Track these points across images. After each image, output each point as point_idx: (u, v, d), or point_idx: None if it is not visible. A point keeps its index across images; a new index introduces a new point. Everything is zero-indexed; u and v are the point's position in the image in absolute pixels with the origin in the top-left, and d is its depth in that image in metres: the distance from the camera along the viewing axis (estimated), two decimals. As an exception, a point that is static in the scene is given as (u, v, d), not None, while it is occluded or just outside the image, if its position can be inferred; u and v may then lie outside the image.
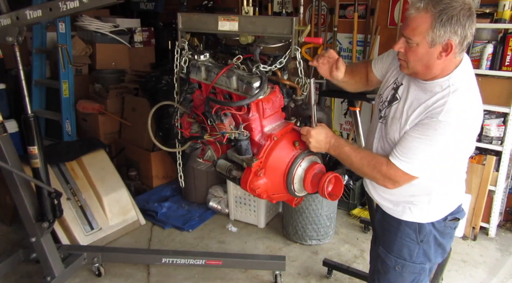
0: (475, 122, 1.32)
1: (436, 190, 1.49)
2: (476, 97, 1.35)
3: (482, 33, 2.96)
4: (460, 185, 1.58)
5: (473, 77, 1.38)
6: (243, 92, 1.62)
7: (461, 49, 1.30)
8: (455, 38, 1.26)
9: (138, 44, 4.48)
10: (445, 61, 1.30)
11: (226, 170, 1.68)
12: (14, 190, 2.17)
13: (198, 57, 1.77)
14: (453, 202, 1.57)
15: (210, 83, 1.73)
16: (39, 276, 2.39)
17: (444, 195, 1.51)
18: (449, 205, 1.55)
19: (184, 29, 1.81)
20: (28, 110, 2.11)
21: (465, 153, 1.43)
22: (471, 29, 1.27)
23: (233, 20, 1.64)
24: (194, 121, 1.84)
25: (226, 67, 1.68)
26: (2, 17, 1.83)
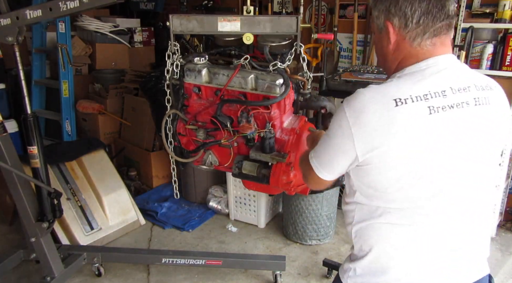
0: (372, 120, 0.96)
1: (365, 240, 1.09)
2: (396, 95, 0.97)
3: (482, 33, 2.96)
4: (405, 255, 1.05)
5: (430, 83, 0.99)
6: (264, 91, 1.62)
7: (411, 33, 1.02)
8: (391, 18, 1.03)
9: (138, 44, 4.48)
10: (401, 50, 1.05)
11: (256, 170, 1.66)
12: (14, 190, 2.17)
13: (197, 60, 1.75)
14: (388, 279, 1.06)
15: (214, 86, 1.73)
16: (39, 276, 2.38)
17: (383, 253, 1.07)
18: (379, 277, 1.08)
19: (177, 31, 1.78)
20: (28, 110, 2.11)
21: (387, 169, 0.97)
22: (411, 5, 1.00)
23: (234, 20, 1.64)
24: (196, 127, 1.82)
25: (238, 67, 1.67)
26: (2, 17, 1.82)
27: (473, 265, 1.11)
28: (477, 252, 1.12)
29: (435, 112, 0.95)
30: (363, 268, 1.10)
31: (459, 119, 0.98)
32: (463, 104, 0.99)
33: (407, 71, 1.03)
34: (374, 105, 0.95)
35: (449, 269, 1.06)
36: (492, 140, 1.04)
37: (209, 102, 1.78)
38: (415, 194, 0.99)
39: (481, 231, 1.11)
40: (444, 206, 1.01)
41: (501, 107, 1.07)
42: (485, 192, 1.09)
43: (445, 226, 1.03)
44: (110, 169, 3.21)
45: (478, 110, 1.00)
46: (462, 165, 1.00)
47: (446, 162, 0.98)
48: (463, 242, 1.07)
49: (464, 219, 1.06)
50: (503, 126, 1.07)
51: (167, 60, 1.78)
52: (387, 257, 1.06)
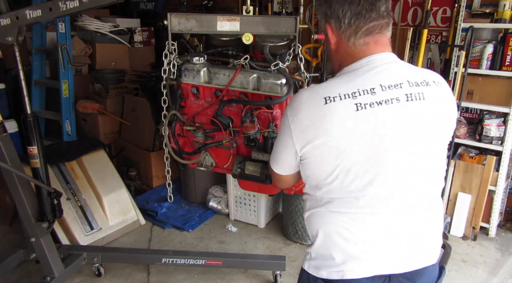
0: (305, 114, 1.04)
1: (317, 221, 1.17)
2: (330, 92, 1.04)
3: (482, 33, 2.96)
4: (349, 239, 1.11)
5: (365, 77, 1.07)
6: (266, 91, 1.62)
7: (345, 33, 1.08)
8: (329, 20, 1.10)
9: (138, 44, 4.48)
10: (337, 50, 1.13)
11: (259, 171, 1.66)
12: (14, 190, 2.17)
13: (196, 60, 1.75)
14: (335, 261, 1.13)
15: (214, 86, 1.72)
16: (39, 276, 2.38)
17: (328, 238, 1.14)
18: (327, 259, 1.15)
19: (175, 30, 1.77)
20: (28, 110, 2.11)
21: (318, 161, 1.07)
22: (341, 7, 1.07)
23: (234, 20, 1.64)
24: (194, 129, 1.81)
25: (239, 67, 1.67)
26: (2, 17, 1.82)
27: (418, 253, 1.16)
28: (423, 241, 1.16)
29: (362, 109, 1.01)
30: (316, 252, 1.18)
31: (388, 114, 1.02)
32: (393, 100, 1.03)
33: (345, 70, 1.11)
34: (308, 104, 1.04)
35: (389, 256, 1.12)
36: (428, 133, 1.08)
37: (208, 102, 1.77)
38: (349, 186, 1.06)
39: (426, 221, 1.16)
40: (378, 197, 1.08)
41: (438, 102, 1.09)
42: (422, 184, 1.12)
43: (381, 215, 1.09)
44: (110, 169, 3.21)
45: (410, 106, 1.04)
46: (392, 158, 1.05)
47: (375, 155, 1.04)
48: (406, 231, 1.12)
49: (403, 209, 1.11)
50: (442, 120, 1.10)
51: (164, 59, 1.77)
52: (332, 243, 1.13)
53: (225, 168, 1.85)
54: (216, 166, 1.88)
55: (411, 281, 1.15)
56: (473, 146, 3.09)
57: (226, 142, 1.73)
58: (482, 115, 3.02)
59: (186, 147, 1.90)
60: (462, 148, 3.19)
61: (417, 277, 1.15)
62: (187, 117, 1.82)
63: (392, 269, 1.12)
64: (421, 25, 3.20)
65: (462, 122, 3.12)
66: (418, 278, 1.15)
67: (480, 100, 3.01)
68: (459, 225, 3.10)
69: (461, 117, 3.14)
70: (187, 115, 1.83)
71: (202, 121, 1.80)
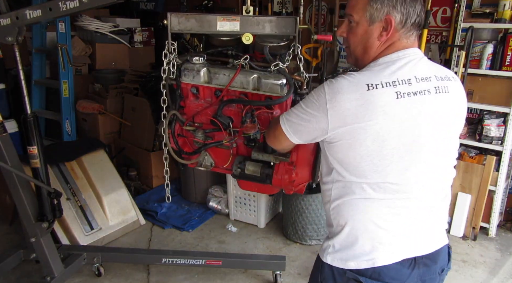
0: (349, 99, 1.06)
1: (343, 214, 1.18)
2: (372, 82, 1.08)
3: (482, 33, 2.96)
4: (382, 226, 1.14)
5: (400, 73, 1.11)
6: (266, 91, 1.62)
7: (404, 29, 1.14)
8: (394, 13, 1.12)
9: (138, 44, 4.48)
10: (386, 42, 1.16)
11: (260, 171, 1.66)
12: (14, 190, 2.17)
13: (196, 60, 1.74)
14: (364, 250, 1.15)
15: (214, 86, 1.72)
16: (39, 276, 2.38)
17: (358, 226, 1.16)
18: (355, 249, 1.17)
19: (175, 30, 1.77)
20: (28, 110, 2.11)
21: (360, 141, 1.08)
22: (414, 6, 1.13)
23: (234, 20, 1.64)
24: (194, 129, 1.81)
25: (239, 67, 1.67)
26: (2, 17, 1.82)
27: (437, 235, 1.25)
28: (439, 224, 1.27)
29: (401, 97, 1.07)
30: (341, 242, 1.20)
31: (422, 104, 1.10)
32: (425, 91, 1.11)
33: (381, 61, 1.15)
34: (350, 88, 1.07)
35: (414, 240, 1.18)
36: (450, 123, 1.18)
37: (208, 102, 1.77)
38: (384, 170, 1.10)
39: (443, 206, 1.26)
40: (411, 183, 1.13)
41: (458, 96, 1.20)
42: (445, 170, 1.22)
43: (411, 201, 1.15)
44: (110, 169, 3.21)
45: (438, 98, 1.13)
46: (426, 147, 1.12)
47: (411, 143, 1.10)
48: (429, 215, 1.20)
49: (429, 194, 1.18)
50: (460, 112, 1.22)
51: (163, 59, 1.77)
52: (362, 231, 1.16)
53: (224, 168, 1.85)
54: (216, 166, 1.88)
55: (433, 261, 1.22)
56: (473, 146, 3.09)
57: (226, 142, 1.73)
58: (482, 115, 3.02)
59: (185, 147, 1.90)
60: (462, 148, 3.19)
61: (438, 257, 1.23)
62: (187, 117, 1.82)
63: (417, 251, 1.18)
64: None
65: (462, 122, 3.12)
66: (438, 257, 1.23)
67: (480, 100, 3.01)
68: (459, 225, 3.11)
69: (461, 117, 3.14)
70: (186, 115, 1.83)
71: (202, 121, 1.80)
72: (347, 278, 1.18)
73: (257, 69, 1.67)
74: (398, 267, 1.15)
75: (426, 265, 1.20)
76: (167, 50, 1.75)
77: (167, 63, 1.75)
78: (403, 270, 1.16)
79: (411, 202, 1.15)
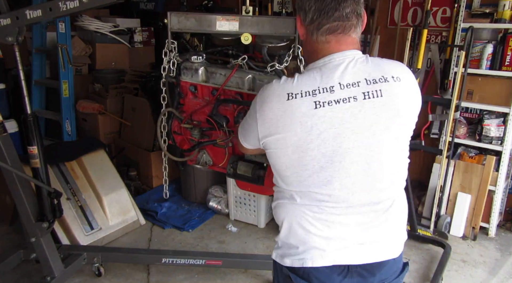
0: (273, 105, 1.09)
1: (285, 208, 1.19)
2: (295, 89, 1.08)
3: (482, 33, 2.96)
4: (314, 225, 1.13)
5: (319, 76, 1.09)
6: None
7: (307, 25, 1.12)
8: (300, 12, 1.14)
9: (138, 44, 4.48)
10: (305, 43, 1.17)
11: (251, 171, 1.67)
12: (14, 190, 2.17)
13: (194, 59, 1.75)
14: (296, 249, 1.17)
15: (211, 85, 1.72)
16: (39, 276, 2.38)
17: (291, 228, 1.17)
18: (290, 247, 1.18)
19: (175, 29, 1.78)
20: (28, 110, 2.11)
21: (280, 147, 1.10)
22: (309, 1, 1.10)
23: (233, 20, 1.64)
24: (191, 126, 1.82)
25: (235, 67, 1.68)
26: (2, 17, 1.82)
27: (379, 247, 1.16)
28: (386, 235, 1.17)
29: (320, 107, 1.05)
30: (281, 240, 1.21)
31: (345, 113, 1.05)
32: (350, 99, 1.06)
33: (309, 67, 1.14)
34: (273, 97, 1.09)
35: (348, 247, 1.14)
36: (387, 129, 1.08)
37: (205, 101, 1.78)
38: (306, 180, 1.10)
39: (390, 216, 1.16)
40: (337, 193, 1.10)
41: (397, 97, 1.08)
42: (382, 181, 1.12)
43: (341, 209, 1.12)
44: (110, 169, 3.21)
45: (367, 104, 1.06)
46: (349, 156, 1.07)
47: (332, 152, 1.07)
48: (367, 225, 1.14)
49: (363, 203, 1.12)
50: (401, 114, 1.09)
51: (163, 57, 1.78)
52: (294, 233, 1.16)
53: (220, 166, 1.86)
54: (213, 165, 1.88)
55: (370, 272, 1.16)
56: (473, 146, 3.09)
57: (220, 141, 1.73)
58: (482, 115, 3.02)
59: (183, 145, 1.90)
60: (462, 148, 3.19)
61: (377, 270, 1.17)
62: (185, 114, 1.83)
63: (350, 260, 1.14)
64: (421, 25, 3.20)
65: (462, 122, 3.12)
66: (377, 270, 1.17)
67: (480, 100, 3.01)
68: (459, 225, 3.11)
69: (461, 117, 3.14)
70: (185, 113, 1.83)
71: (199, 119, 1.81)
72: (284, 274, 1.21)
73: (255, 69, 1.68)
74: (328, 271, 1.14)
75: (361, 275, 1.16)
76: (167, 49, 1.76)
77: (167, 62, 1.76)
78: (333, 276, 1.15)
79: (342, 211, 1.11)
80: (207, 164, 1.87)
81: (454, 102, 2.83)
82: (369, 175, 1.10)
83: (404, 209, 1.23)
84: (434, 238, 2.99)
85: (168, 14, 1.74)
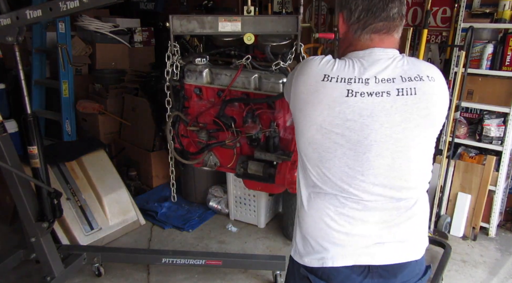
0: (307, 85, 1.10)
1: (303, 204, 1.19)
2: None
3: (482, 33, 2.96)
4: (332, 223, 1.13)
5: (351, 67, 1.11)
6: (267, 90, 1.63)
7: (351, 24, 1.14)
8: (343, 10, 1.16)
9: (138, 44, 4.48)
10: (345, 38, 1.19)
11: (262, 170, 1.67)
12: (14, 190, 2.16)
13: (198, 61, 1.75)
14: (316, 248, 1.16)
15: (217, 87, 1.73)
16: (39, 276, 2.38)
17: (312, 223, 1.16)
18: (309, 245, 1.17)
19: (177, 32, 1.77)
20: (28, 110, 2.11)
21: (304, 128, 1.11)
22: (355, 1, 1.12)
23: (235, 20, 1.64)
24: (198, 129, 1.82)
25: (240, 67, 1.68)
26: (2, 17, 1.82)
27: (401, 247, 1.15)
28: (407, 236, 1.15)
29: (352, 96, 1.05)
30: (301, 237, 1.20)
31: (376, 105, 1.05)
32: (383, 93, 1.06)
33: (349, 56, 1.14)
34: (311, 73, 1.09)
35: (369, 247, 1.12)
36: (417, 127, 1.08)
37: (211, 103, 1.77)
38: (328, 162, 1.09)
39: (408, 217, 1.14)
40: (359, 184, 1.08)
41: (431, 96, 1.09)
42: (407, 179, 1.11)
43: (363, 204, 1.10)
44: (110, 169, 3.21)
45: (399, 100, 1.06)
46: (375, 149, 1.06)
47: (357, 142, 1.06)
48: (388, 224, 1.12)
49: (385, 201, 1.10)
50: (431, 114, 1.09)
51: (167, 61, 1.78)
52: (314, 227, 1.15)
53: (229, 167, 1.86)
54: (221, 166, 1.88)
55: (391, 274, 1.14)
56: (473, 146, 3.09)
57: (228, 142, 1.73)
58: (482, 115, 3.02)
59: (190, 147, 1.90)
60: (462, 148, 3.19)
61: (398, 271, 1.15)
62: (191, 117, 1.83)
63: (371, 260, 1.13)
64: (421, 25, 3.20)
65: (462, 122, 3.12)
66: (399, 272, 1.15)
67: (480, 100, 3.01)
68: (459, 225, 3.10)
69: (461, 117, 3.14)
70: (190, 116, 1.83)
71: (206, 121, 1.81)
72: (301, 274, 1.18)
73: (258, 68, 1.68)
74: (348, 272, 1.12)
75: (382, 276, 1.14)
76: (170, 52, 1.76)
77: (170, 65, 1.76)
78: (353, 276, 1.13)
79: (363, 206, 1.10)
80: (216, 165, 1.86)
81: (454, 102, 2.83)
82: (394, 170, 1.09)
83: (427, 211, 1.21)
84: (434, 238, 2.99)
85: (170, 18, 1.73)
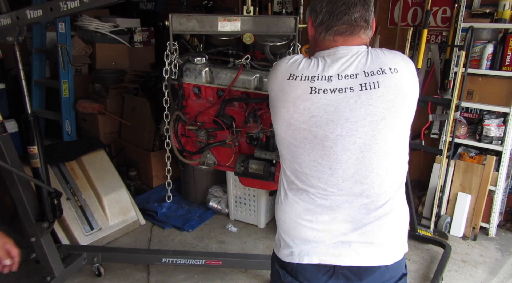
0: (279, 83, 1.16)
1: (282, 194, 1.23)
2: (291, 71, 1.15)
3: (482, 33, 2.96)
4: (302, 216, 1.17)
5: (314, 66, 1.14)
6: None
7: (316, 26, 1.18)
8: (312, 14, 1.20)
9: (138, 44, 4.48)
10: (312, 40, 1.21)
11: (263, 169, 1.68)
12: (14, 190, 2.16)
13: (197, 60, 1.75)
14: (287, 243, 1.20)
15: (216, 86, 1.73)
16: (39, 276, 2.38)
17: (285, 219, 1.20)
18: (283, 240, 1.22)
19: (177, 31, 1.77)
20: (28, 110, 2.11)
21: (281, 125, 1.15)
22: (320, 3, 1.15)
23: (235, 20, 1.64)
24: (196, 128, 1.82)
25: (241, 67, 1.68)
26: (2, 17, 1.82)
27: (370, 250, 1.12)
28: (378, 238, 1.13)
29: (315, 93, 1.09)
30: (278, 232, 1.24)
31: (340, 101, 1.08)
32: (346, 89, 1.09)
33: (316, 55, 1.18)
34: (279, 73, 1.16)
35: (335, 247, 1.12)
36: (382, 119, 1.08)
37: (209, 102, 1.77)
38: (299, 157, 1.13)
39: (380, 220, 1.12)
40: (327, 179, 1.11)
41: (394, 88, 1.09)
42: (376, 176, 1.11)
43: (331, 201, 1.12)
44: (110, 169, 3.21)
45: (363, 94, 1.08)
46: (341, 145, 1.09)
47: (324, 137, 1.10)
48: (357, 224, 1.12)
49: (352, 200, 1.11)
50: (398, 106, 1.09)
51: (165, 60, 1.78)
52: (287, 223, 1.19)
53: (227, 166, 1.86)
54: (218, 164, 1.88)
55: (357, 276, 1.13)
56: (473, 146, 3.09)
57: (229, 141, 1.74)
58: (482, 115, 3.02)
59: (188, 147, 1.90)
60: (462, 148, 3.19)
61: (365, 275, 1.13)
62: (189, 116, 1.83)
63: (336, 260, 1.12)
64: (421, 25, 3.20)
65: (462, 122, 3.12)
66: (365, 276, 1.13)
67: (480, 100, 3.01)
68: (459, 225, 3.11)
69: (461, 117, 3.14)
70: (189, 115, 1.83)
71: (204, 121, 1.81)
72: (275, 269, 1.22)
73: (258, 68, 1.68)
74: (314, 270, 1.13)
75: (347, 278, 1.13)
76: (168, 51, 1.76)
77: (168, 64, 1.76)
78: (319, 275, 1.13)
79: (332, 201, 1.12)
80: (214, 164, 1.87)
81: (454, 102, 2.83)
82: (364, 164, 1.09)
83: (404, 215, 1.18)
84: (434, 238, 2.99)
85: (170, 16, 1.73)
